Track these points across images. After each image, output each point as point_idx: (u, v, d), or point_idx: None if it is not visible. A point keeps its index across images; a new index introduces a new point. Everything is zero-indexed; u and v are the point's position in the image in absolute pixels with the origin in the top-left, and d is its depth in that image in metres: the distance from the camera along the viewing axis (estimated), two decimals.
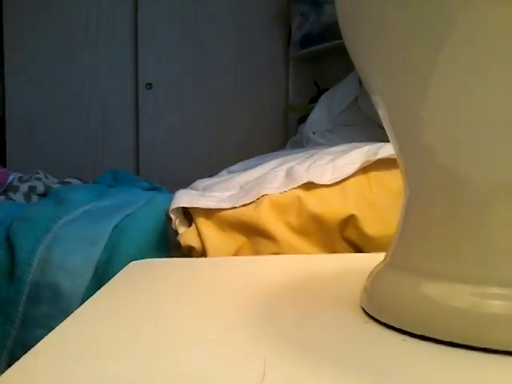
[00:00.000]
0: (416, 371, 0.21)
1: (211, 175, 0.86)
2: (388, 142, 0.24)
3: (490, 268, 0.24)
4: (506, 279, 0.23)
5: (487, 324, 0.23)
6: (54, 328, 0.26)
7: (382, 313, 0.26)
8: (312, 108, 1.40)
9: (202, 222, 0.58)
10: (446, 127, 0.24)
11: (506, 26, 0.21)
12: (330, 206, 0.57)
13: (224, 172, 0.95)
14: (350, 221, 0.57)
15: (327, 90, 1.47)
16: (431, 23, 0.23)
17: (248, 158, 1.05)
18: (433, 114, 0.24)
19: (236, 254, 0.57)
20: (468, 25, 0.22)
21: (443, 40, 0.23)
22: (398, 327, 0.25)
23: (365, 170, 0.61)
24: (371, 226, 0.56)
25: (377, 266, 0.29)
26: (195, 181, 0.75)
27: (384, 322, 0.25)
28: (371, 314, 0.27)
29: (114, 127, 1.99)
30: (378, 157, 0.60)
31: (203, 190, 0.69)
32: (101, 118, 1.98)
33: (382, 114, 0.27)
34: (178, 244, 0.58)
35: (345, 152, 0.65)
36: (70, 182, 1.16)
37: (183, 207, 0.60)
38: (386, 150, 0.60)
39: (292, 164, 0.65)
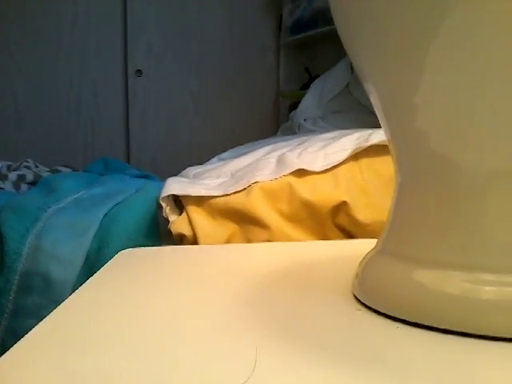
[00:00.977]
0: (409, 359, 0.21)
1: (202, 162, 0.86)
2: (379, 128, 0.24)
3: (483, 254, 0.24)
4: (499, 265, 0.23)
5: (480, 310, 0.23)
6: (44, 317, 0.26)
7: (374, 300, 0.26)
8: (303, 95, 1.39)
9: (192, 210, 0.58)
10: (439, 113, 0.24)
11: (500, 14, 0.21)
12: (322, 192, 0.57)
13: (215, 159, 0.94)
14: (341, 207, 0.57)
15: (318, 76, 1.47)
16: (425, 10, 0.22)
17: (239, 145, 1.04)
18: (426, 100, 0.24)
19: (227, 241, 0.57)
20: (462, 13, 0.22)
21: (437, 27, 0.22)
22: (390, 314, 0.25)
23: (356, 156, 0.61)
24: (363, 213, 0.56)
25: (369, 252, 0.29)
26: (186, 168, 0.75)
27: (376, 309, 0.25)
28: (363, 301, 0.27)
29: (104, 115, 1.97)
30: (370, 143, 0.60)
31: (194, 177, 0.68)
32: (90, 105, 1.96)
33: (374, 100, 0.27)
34: (170, 232, 0.58)
35: (336, 139, 0.65)
36: (60, 171, 1.15)
37: (174, 195, 0.60)
38: (377, 136, 0.60)
39: (283, 151, 0.65)
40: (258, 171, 0.60)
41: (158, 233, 0.65)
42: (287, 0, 1.86)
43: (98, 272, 0.35)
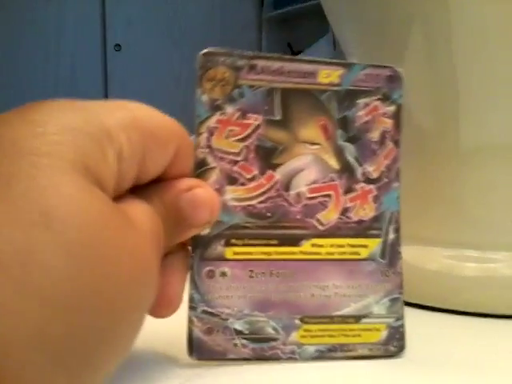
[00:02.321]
0: None
1: None
2: None
3: (465, 230, 0.24)
4: (480, 241, 0.24)
5: (462, 286, 0.24)
6: None
7: None
8: None
9: None
10: (422, 88, 0.24)
11: None
12: None
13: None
14: None
15: (301, 52, 1.45)
16: None
17: None
18: (408, 74, 0.24)
19: None
20: None
21: (419, 1, 0.22)
22: None
23: None
24: None
25: None
26: None
27: None
28: None
29: (82, 91, 1.92)
30: None
31: None
32: (68, 81, 1.91)
33: None
34: None
35: None
36: None
37: None
38: None
39: None
40: None
41: None
42: None
43: None
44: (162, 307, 0.17)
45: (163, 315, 0.17)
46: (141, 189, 0.17)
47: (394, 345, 0.20)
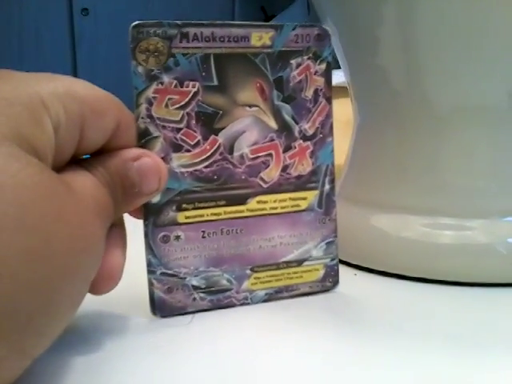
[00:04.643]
0: (366, 307, 0.21)
1: None
2: (335, 69, 0.23)
3: (442, 198, 0.24)
4: (457, 209, 0.23)
5: (438, 255, 0.23)
6: None
7: None
8: None
9: None
10: (401, 48, 0.24)
11: None
12: None
13: None
14: None
15: (275, 16, 1.40)
16: None
17: None
18: (387, 34, 0.24)
19: None
20: None
21: None
22: (348, 261, 0.26)
23: None
24: None
25: None
26: None
27: None
28: None
29: (50, 58, 1.73)
30: None
31: None
32: (34, 48, 1.72)
33: (334, 40, 0.25)
34: None
35: None
36: None
37: None
38: (333, 78, 0.59)
39: None
40: None
41: None
42: None
43: None
44: (101, 282, 0.17)
45: (102, 291, 0.17)
46: (85, 160, 0.17)
47: (329, 281, 0.22)
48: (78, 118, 0.16)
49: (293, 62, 0.21)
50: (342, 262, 0.26)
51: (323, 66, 0.21)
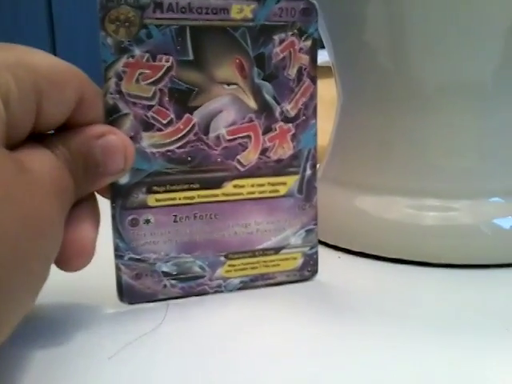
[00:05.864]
0: (350, 290, 0.21)
1: None
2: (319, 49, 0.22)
3: (427, 179, 0.23)
4: (442, 190, 0.23)
5: (423, 236, 0.23)
6: None
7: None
8: None
9: None
10: (386, 26, 0.23)
11: None
12: None
13: None
14: None
15: None
16: None
17: None
18: (372, 11, 0.23)
19: None
20: None
21: None
22: (332, 243, 0.25)
23: None
24: None
25: None
26: None
27: (318, 238, 0.24)
28: None
29: (28, 39, 1.70)
30: None
31: None
32: (10, 29, 1.68)
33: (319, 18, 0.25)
34: None
35: None
36: None
37: None
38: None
39: None
40: None
41: None
42: None
43: None
44: (73, 257, 0.16)
45: (76, 267, 0.17)
46: (46, 137, 0.16)
47: (308, 270, 0.21)
48: (32, 90, 0.15)
49: (276, 37, 0.19)
50: (326, 244, 0.25)
51: (308, 42, 0.20)
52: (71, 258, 0.16)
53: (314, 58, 0.20)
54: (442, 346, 0.16)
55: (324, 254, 0.22)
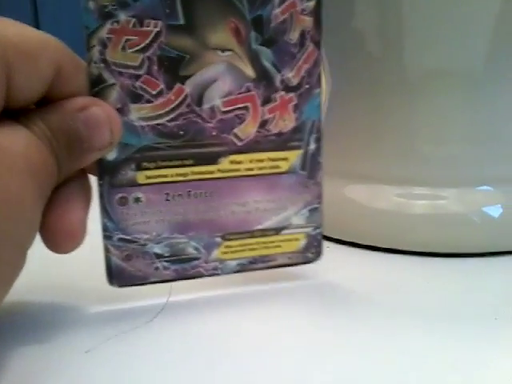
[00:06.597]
0: (339, 280, 0.20)
1: None
2: None
3: (416, 167, 0.23)
4: (431, 178, 0.23)
5: (412, 225, 0.23)
6: None
7: None
8: None
9: None
10: (376, 11, 0.22)
11: None
12: None
13: None
14: None
15: None
16: None
17: None
18: None
19: None
20: None
21: None
22: None
23: None
24: None
25: None
26: None
27: None
28: None
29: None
30: None
31: None
32: None
33: None
34: None
35: None
36: None
37: None
38: None
39: None
40: None
41: None
42: None
43: None
44: (62, 240, 0.16)
45: (65, 249, 0.16)
46: (23, 113, 0.15)
47: (311, 252, 0.20)
48: None
49: None
50: None
51: (312, 3, 0.18)
52: (60, 241, 0.16)
53: (318, 21, 0.18)
54: (430, 334, 0.16)
55: None
